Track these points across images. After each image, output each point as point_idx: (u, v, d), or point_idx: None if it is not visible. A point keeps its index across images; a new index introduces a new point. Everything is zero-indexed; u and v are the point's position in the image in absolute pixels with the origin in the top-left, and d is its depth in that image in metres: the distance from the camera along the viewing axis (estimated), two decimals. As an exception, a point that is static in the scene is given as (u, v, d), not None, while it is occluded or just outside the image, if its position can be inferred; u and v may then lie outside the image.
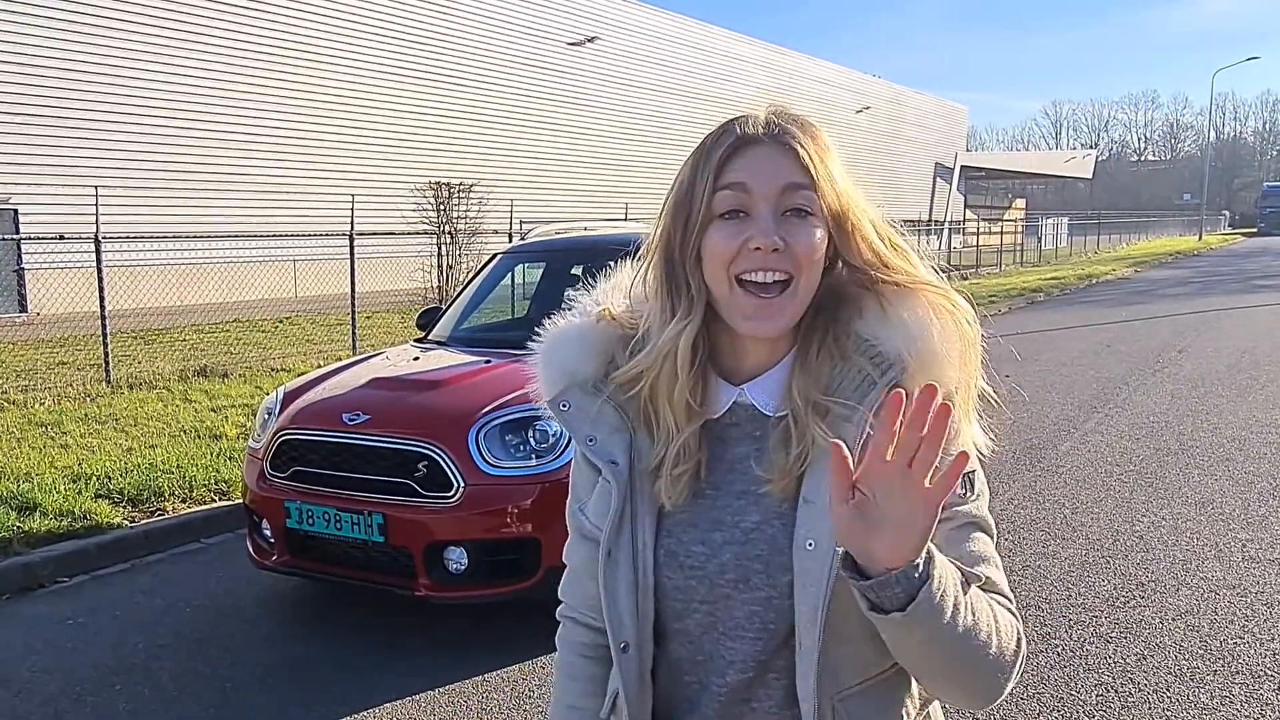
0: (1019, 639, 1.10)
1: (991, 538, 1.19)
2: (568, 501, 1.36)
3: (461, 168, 23.33)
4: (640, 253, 1.24)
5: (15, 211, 18.67)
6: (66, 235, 9.82)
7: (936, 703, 1.26)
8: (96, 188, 9.71)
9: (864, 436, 1.05)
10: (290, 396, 4.68)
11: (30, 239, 13.30)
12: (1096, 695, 3.67)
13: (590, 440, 1.23)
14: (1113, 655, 4.00)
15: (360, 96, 24.20)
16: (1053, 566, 5.03)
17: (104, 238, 9.49)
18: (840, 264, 1.17)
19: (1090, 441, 7.71)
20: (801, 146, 1.13)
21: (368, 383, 4.57)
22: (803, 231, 1.11)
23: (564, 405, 1.25)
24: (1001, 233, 36.70)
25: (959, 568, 1.04)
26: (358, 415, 4.26)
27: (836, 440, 0.98)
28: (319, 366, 8.78)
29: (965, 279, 26.34)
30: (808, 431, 1.13)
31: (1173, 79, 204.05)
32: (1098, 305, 20.26)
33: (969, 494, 1.18)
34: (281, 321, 16.34)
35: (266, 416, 4.70)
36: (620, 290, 1.28)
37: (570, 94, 29.87)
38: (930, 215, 49.55)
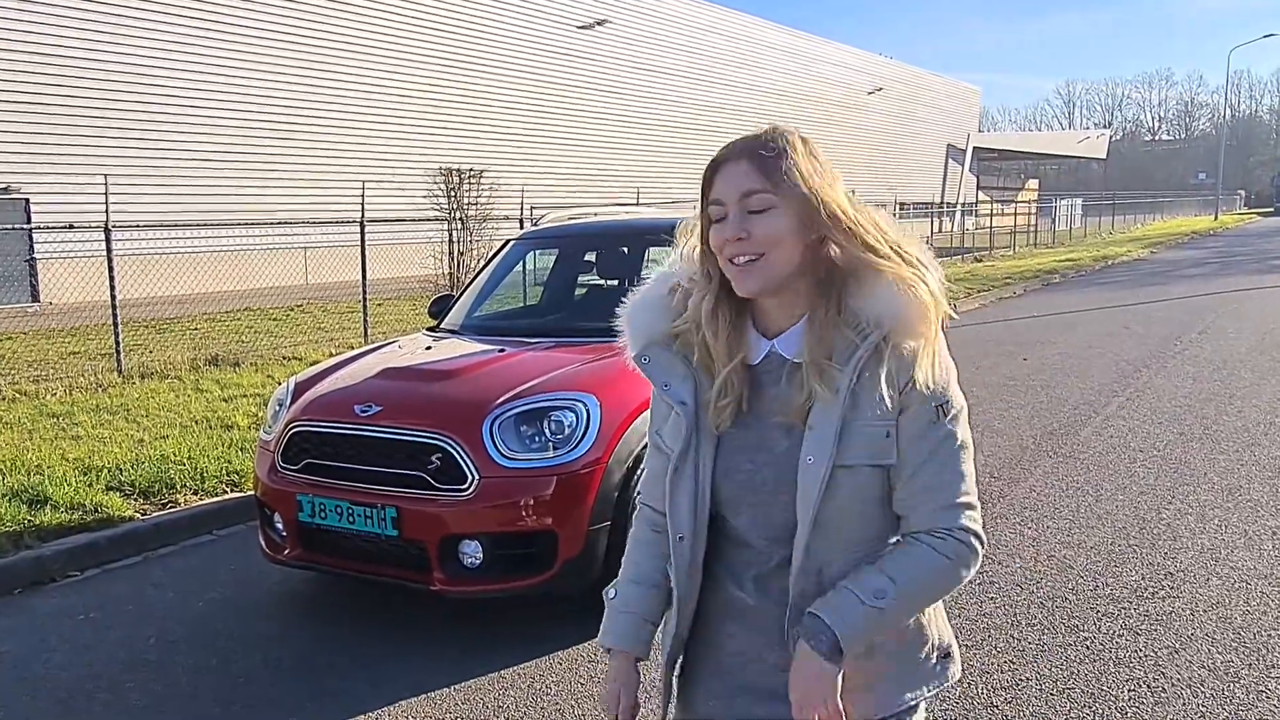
0: (960, 565, 1.52)
1: (964, 451, 1.54)
2: (649, 426, 1.71)
3: (473, 153, 23.23)
4: (692, 228, 1.61)
5: (27, 201, 18.64)
6: (76, 224, 9.75)
7: None
8: (105, 176, 9.62)
9: (851, 381, 1.48)
10: (302, 387, 4.61)
11: (40, 228, 13.26)
12: (1128, 691, 3.58)
13: (666, 386, 1.60)
14: (1143, 649, 3.91)
15: (371, 83, 24.09)
16: (1078, 556, 4.93)
17: (114, 226, 9.41)
18: (828, 242, 1.50)
19: (1112, 426, 7.59)
20: (761, 158, 1.47)
21: (380, 373, 4.48)
22: (761, 223, 1.47)
23: (645, 359, 1.62)
24: (1015, 214, 36.49)
25: (867, 580, 1.50)
26: (370, 406, 4.18)
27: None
28: (330, 355, 8.70)
29: (979, 260, 26.15)
30: (811, 380, 1.50)
31: (1187, 57, 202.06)
32: (1114, 287, 20.07)
33: (942, 420, 1.51)
34: (293, 310, 16.30)
35: (278, 408, 4.63)
36: (685, 260, 1.64)
37: (583, 78, 29.70)
38: (943, 197, 49.21)
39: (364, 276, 11.59)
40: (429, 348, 4.96)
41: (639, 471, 4.17)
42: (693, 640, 1.68)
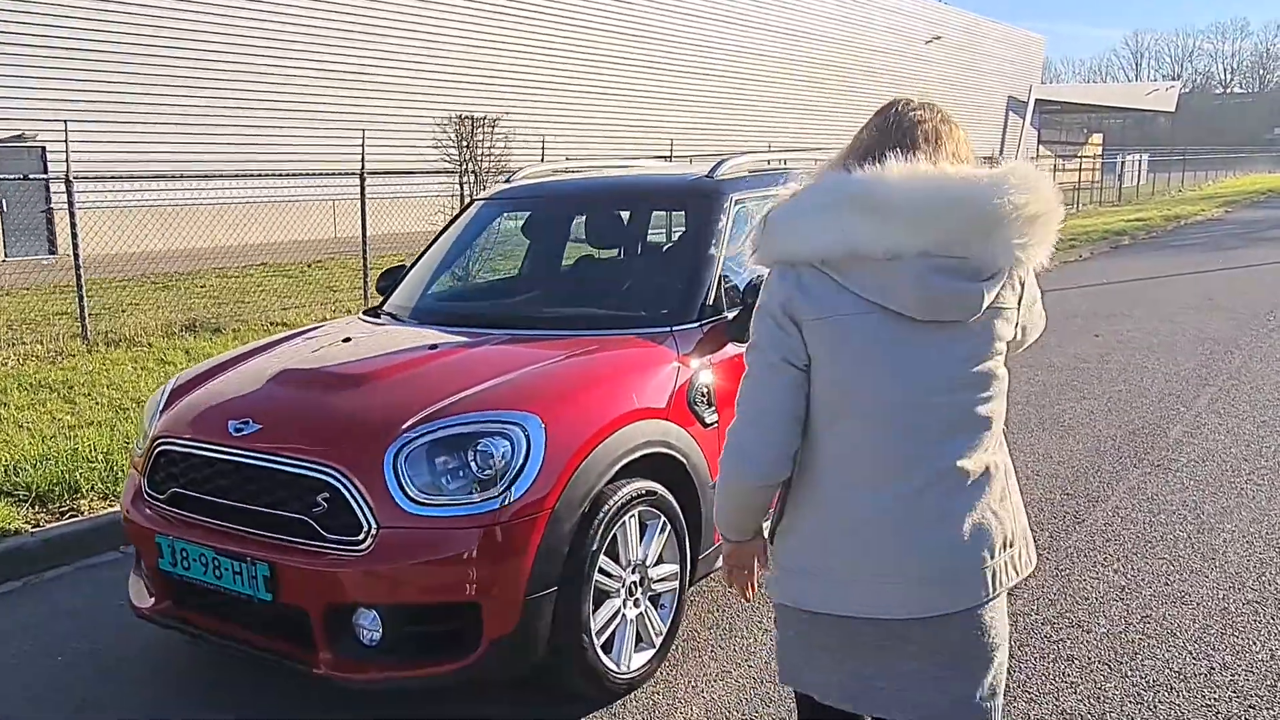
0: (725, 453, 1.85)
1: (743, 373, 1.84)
2: None
3: (490, 101, 22.05)
4: None
5: (43, 149, 17.90)
6: (31, 175, 8.86)
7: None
8: (66, 122, 8.68)
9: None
10: (178, 393, 3.61)
11: (23, 179, 12.46)
12: None
13: None
14: (1284, 777, 2.82)
15: (379, 23, 22.97)
16: (1182, 617, 3.81)
17: (75, 177, 8.48)
18: None
19: (1206, 425, 6.40)
20: None
21: (275, 376, 3.46)
22: None
23: None
24: (1079, 170, 34.62)
25: None
26: (247, 423, 3.17)
27: None
28: (324, 319, 7.73)
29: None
30: None
31: (1265, 5, 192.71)
32: (1189, 250, 18.54)
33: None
34: (309, 266, 15.38)
35: (153, 415, 3.64)
36: None
37: (609, 21, 28.22)
38: (1002, 151, 47.07)
39: (364, 232, 10.59)
40: (348, 340, 3.90)
41: (599, 518, 3.14)
42: None
